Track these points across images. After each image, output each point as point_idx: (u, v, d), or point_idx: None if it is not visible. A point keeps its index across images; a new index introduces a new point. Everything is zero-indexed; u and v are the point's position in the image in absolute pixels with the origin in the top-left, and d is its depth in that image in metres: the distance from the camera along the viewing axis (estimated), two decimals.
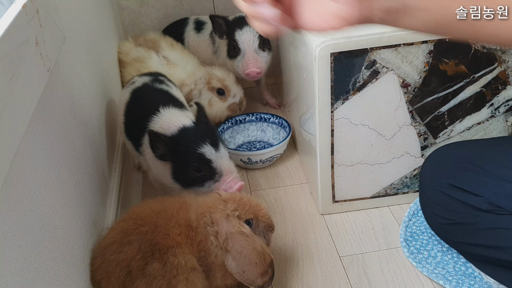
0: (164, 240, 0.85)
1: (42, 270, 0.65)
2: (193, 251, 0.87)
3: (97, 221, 0.97)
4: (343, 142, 1.11)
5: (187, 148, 1.00)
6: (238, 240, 0.86)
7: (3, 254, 0.55)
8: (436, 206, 0.97)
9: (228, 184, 1.01)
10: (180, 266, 0.84)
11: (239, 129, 1.55)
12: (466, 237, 0.94)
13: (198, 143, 1.00)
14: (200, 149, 1.00)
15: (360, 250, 1.11)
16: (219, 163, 1.02)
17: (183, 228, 0.87)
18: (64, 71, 0.90)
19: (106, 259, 0.85)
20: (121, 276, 0.83)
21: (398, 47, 1.01)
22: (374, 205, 1.23)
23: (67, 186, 0.81)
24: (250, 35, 1.45)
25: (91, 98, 1.10)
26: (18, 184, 0.61)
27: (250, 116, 1.55)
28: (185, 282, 0.84)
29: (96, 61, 1.22)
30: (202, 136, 1.01)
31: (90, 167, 0.98)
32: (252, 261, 0.85)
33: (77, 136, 0.93)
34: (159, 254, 0.84)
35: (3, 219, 0.56)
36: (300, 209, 1.26)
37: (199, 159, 1.00)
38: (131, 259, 0.83)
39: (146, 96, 1.18)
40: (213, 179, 1.02)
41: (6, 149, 0.57)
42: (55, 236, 0.72)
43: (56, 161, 0.77)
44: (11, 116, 0.58)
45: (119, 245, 0.85)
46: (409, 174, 1.18)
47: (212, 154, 1.01)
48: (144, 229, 0.86)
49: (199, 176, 1.02)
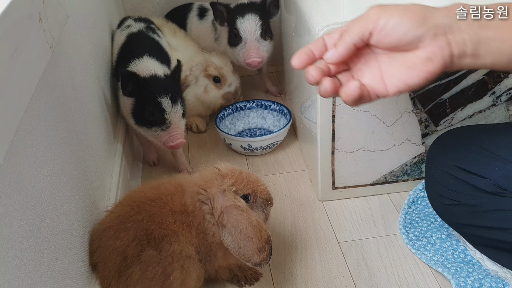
0: (159, 229, 0.85)
1: (42, 245, 0.65)
2: (191, 236, 0.87)
3: (97, 202, 0.97)
4: (344, 128, 1.11)
5: (150, 93, 1.13)
6: (233, 214, 0.85)
7: (5, 226, 0.55)
8: (441, 187, 0.97)
9: (170, 137, 1.14)
10: (176, 253, 0.84)
11: (239, 115, 1.55)
12: (470, 218, 0.94)
13: (160, 92, 1.12)
14: (159, 98, 1.12)
15: (359, 236, 1.12)
16: (171, 117, 1.14)
17: (178, 215, 0.87)
18: (66, 50, 0.89)
19: (103, 244, 0.86)
20: (117, 261, 0.83)
21: None
22: (374, 192, 1.23)
23: (68, 165, 0.81)
24: (252, 23, 1.43)
25: (93, 80, 1.10)
26: (20, 159, 0.61)
27: (251, 103, 1.55)
28: (180, 269, 0.84)
29: (98, 44, 1.22)
30: (166, 88, 1.14)
31: (91, 148, 0.98)
32: (248, 236, 0.84)
33: (78, 116, 0.93)
34: (154, 242, 0.84)
35: (5, 192, 0.56)
36: (300, 195, 1.26)
37: (156, 105, 1.12)
38: (127, 245, 0.83)
39: (138, 43, 1.30)
40: (160, 126, 1.14)
41: (8, 122, 0.57)
42: (56, 213, 0.72)
43: (57, 139, 0.77)
44: (13, 90, 0.58)
45: (115, 231, 0.85)
46: (409, 161, 1.18)
47: (167, 106, 1.13)
48: (139, 217, 0.86)
49: (150, 120, 1.14)
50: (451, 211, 0.98)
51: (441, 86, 1.08)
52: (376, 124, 1.11)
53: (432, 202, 1.03)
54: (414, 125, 1.13)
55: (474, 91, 1.10)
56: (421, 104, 1.10)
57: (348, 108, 1.08)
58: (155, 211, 0.86)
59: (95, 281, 0.86)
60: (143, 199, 0.89)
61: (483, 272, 0.98)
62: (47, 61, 0.72)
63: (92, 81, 1.08)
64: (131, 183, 1.27)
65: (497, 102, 1.11)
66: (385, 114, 1.10)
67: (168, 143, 1.15)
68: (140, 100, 1.15)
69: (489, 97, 1.11)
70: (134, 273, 0.82)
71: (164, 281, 0.83)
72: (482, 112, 1.13)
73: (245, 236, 0.84)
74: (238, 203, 0.87)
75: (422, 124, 1.13)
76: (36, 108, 0.69)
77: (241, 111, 1.55)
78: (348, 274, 1.02)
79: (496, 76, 1.08)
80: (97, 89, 1.13)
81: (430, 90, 1.08)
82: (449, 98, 1.10)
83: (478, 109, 1.12)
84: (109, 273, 0.84)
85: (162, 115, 1.13)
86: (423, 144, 1.16)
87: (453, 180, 0.96)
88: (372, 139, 1.14)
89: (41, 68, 0.69)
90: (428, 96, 1.09)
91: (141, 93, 1.14)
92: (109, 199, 1.05)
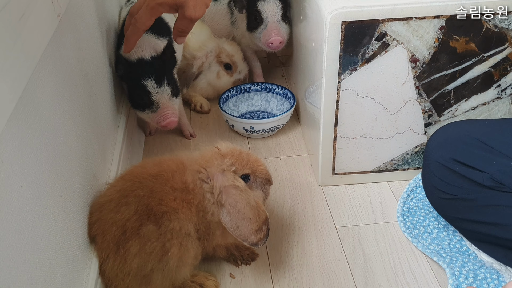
0: (159, 205, 0.85)
1: (41, 214, 0.65)
2: (191, 214, 0.87)
3: (98, 175, 0.97)
4: (348, 114, 1.11)
5: (136, 78, 1.16)
6: (232, 194, 0.86)
7: (5, 191, 0.55)
8: (438, 180, 0.97)
9: (161, 117, 1.18)
10: (175, 230, 0.84)
11: (243, 97, 1.55)
12: (466, 213, 0.95)
13: (144, 76, 1.16)
14: (144, 81, 1.15)
15: (356, 222, 1.12)
16: (159, 98, 1.17)
17: (179, 192, 0.87)
18: (73, 22, 0.89)
19: (103, 216, 0.86)
20: (116, 234, 0.84)
21: (410, 20, 1.00)
22: (374, 180, 1.23)
23: (70, 136, 0.82)
24: (273, 5, 1.41)
25: (99, 54, 1.09)
26: (22, 126, 0.61)
27: (255, 86, 1.55)
28: (178, 246, 0.85)
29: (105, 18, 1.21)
30: (151, 71, 1.16)
31: (94, 121, 0.98)
32: (246, 216, 0.85)
33: (82, 88, 0.92)
34: (155, 218, 0.84)
35: (7, 158, 0.56)
36: (300, 179, 1.27)
37: (142, 89, 1.16)
38: (127, 219, 0.84)
39: None
40: (150, 108, 1.18)
41: (12, 88, 0.57)
42: (56, 183, 0.72)
43: (60, 110, 0.77)
44: (19, 55, 0.58)
45: (116, 205, 0.86)
46: (411, 150, 1.18)
47: (153, 89, 1.16)
48: (141, 192, 0.86)
49: (140, 103, 1.19)
50: (447, 205, 0.98)
51: (447, 76, 1.08)
52: (379, 112, 1.11)
53: (429, 195, 1.03)
54: (418, 114, 1.13)
55: (480, 83, 1.09)
56: (426, 93, 1.10)
57: (352, 94, 1.08)
58: (156, 188, 0.87)
59: (92, 253, 0.86)
60: (145, 175, 0.89)
61: (478, 263, 0.98)
62: (53, 30, 0.71)
63: (97, 55, 1.08)
64: (132, 158, 1.27)
65: (501, 95, 1.11)
66: (389, 101, 1.10)
67: (160, 123, 1.19)
68: (130, 84, 1.20)
69: (494, 90, 1.10)
70: (132, 246, 0.83)
71: (162, 256, 0.84)
72: (486, 105, 1.12)
73: (243, 216, 0.85)
74: (237, 183, 0.87)
75: (425, 113, 1.13)
76: (40, 76, 0.69)
77: (245, 93, 1.55)
78: (344, 258, 1.03)
79: (502, 69, 1.08)
80: (102, 63, 1.12)
81: (436, 80, 1.08)
82: (454, 88, 1.10)
83: (482, 101, 1.12)
84: (107, 246, 0.84)
85: (149, 97, 1.16)
86: (425, 133, 1.16)
87: (450, 174, 0.96)
88: (375, 126, 1.13)
89: (47, 36, 0.68)
90: (433, 85, 1.09)
91: (129, 77, 1.18)
92: (110, 173, 1.05)
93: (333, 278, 0.99)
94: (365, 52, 1.03)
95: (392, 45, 1.03)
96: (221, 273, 1.01)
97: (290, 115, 1.42)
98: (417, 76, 1.07)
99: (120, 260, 0.83)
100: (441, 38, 1.03)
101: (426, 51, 1.04)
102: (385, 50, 1.03)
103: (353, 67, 1.05)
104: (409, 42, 1.03)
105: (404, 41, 1.03)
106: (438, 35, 1.02)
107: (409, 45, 1.03)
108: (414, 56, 1.05)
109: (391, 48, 1.03)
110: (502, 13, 1.00)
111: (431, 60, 1.05)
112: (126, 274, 0.84)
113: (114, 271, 0.84)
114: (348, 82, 1.07)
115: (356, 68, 1.05)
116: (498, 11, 1.00)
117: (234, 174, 0.89)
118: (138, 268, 0.83)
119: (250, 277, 1.00)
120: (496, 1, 0.99)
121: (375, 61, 1.04)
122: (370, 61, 1.04)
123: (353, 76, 1.06)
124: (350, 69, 1.05)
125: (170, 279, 0.87)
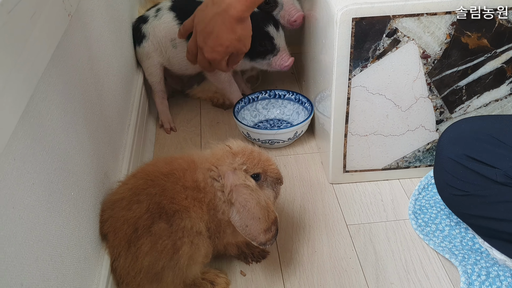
0: (171, 204, 0.85)
1: (54, 211, 0.66)
2: (202, 212, 0.87)
3: (109, 173, 0.97)
4: (359, 111, 1.11)
5: (256, 27, 1.21)
6: (242, 193, 0.85)
7: (18, 188, 0.55)
8: (450, 176, 0.96)
9: (282, 59, 1.34)
10: (186, 229, 0.85)
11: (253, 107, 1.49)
12: (479, 209, 0.94)
13: (265, 23, 1.31)
14: (266, 28, 1.31)
15: (367, 220, 1.12)
16: (278, 41, 1.33)
17: (190, 191, 0.87)
18: (83, 20, 0.90)
19: (115, 214, 0.86)
20: (127, 232, 0.84)
21: (421, 16, 0.99)
22: (385, 177, 1.23)
23: (82, 134, 0.82)
24: None
25: (109, 53, 1.10)
26: (34, 124, 0.62)
27: (263, 94, 1.48)
28: (189, 244, 0.85)
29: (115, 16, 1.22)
30: (268, 18, 1.33)
31: (105, 120, 0.99)
32: (255, 216, 0.85)
33: (93, 87, 0.93)
34: (166, 216, 0.84)
35: (19, 155, 0.56)
36: (310, 177, 1.26)
37: (265, 35, 1.31)
38: (139, 217, 0.84)
39: None
40: (272, 53, 1.34)
41: (24, 86, 0.57)
42: (68, 180, 0.73)
43: (71, 108, 0.77)
44: (30, 53, 0.58)
45: (128, 203, 0.86)
46: (422, 148, 1.17)
47: (274, 33, 1.32)
48: (153, 190, 0.86)
49: (262, 50, 1.33)
50: (459, 201, 0.98)
51: (458, 73, 1.07)
52: (391, 108, 1.10)
53: (441, 192, 1.02)
54: (429, 111, 1.12)
55: (492, 79, 1.08)
56: (437, 90, 1.09)
57: (363, 91, 1.07)
58: (168, 186, 0.87)
59: (104, 250, 0.87)
60: (157, 173, 0.89)
61: (491, 261, 0.98)
62: (64, 28, 0.72)
63: (107, 53, 1.08)
64: (144, 156, 1.27)
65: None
66: (400, 98, 1.09)
67: (282, 65, 1.34)
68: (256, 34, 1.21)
69: (507, 86, 1.09)
70: (144, 244, 0.83)
71: (173, 254, 0.84)
72: (498, 101, 1.11)
73: (252, 216, 0.85)
74: (248, 182, 0.87)
75: (437, 110, 1.12)
76: (52, 75, 0.69)
77: (253, 103, 1.48)
78: (355, 256, 1.03)
79: None
80: (112, 61, 1.13)
81: (447, 76, 1.07)
82: (466, 85, 1.09)
83: (495, 98, 1.11)
84: (119, 243, 0.85)
85: (272, 42, 1.31)
86: (437, 130, 1.15)
87: (462, 170, 0.95)
88: (386, 123, 1.13)
89: (58, 34, 0.69)
90: (444, 82, 1.08)
91: None
92: (121, 171, 1.06)
93: (344, 276, 0.99)
94: (376, 49, 1.03)
95: (403, 42, 1.02)
96: (232, 271, 1.01)
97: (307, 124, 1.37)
98: (428, 73, 1.06)
99: (131, 258, 0.84)
100: (452, 34, 1.02)
101: (438, 47, 1.04)
102: (396, 47, 1.03)
103: (364, 64, 1.04)
104: (420, 39, 1.02)
105: (415, 37, 1.02)
106: (449, 31, 1.02)
107: (420, 42, 1.02)
108: (425, 52, 1.04)
109: (402, 45, 1.03)
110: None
111: (443, 56, 1.05)
112: (137, 272, 0.84)
113: (125, 269, 0.85)
114: (359, 79, 1.06)
115: (367, 65, 1.04)
116: None
117: (245, 173, 0.89)
118: (149, 266, 0.84)
119: (260, 275, 1.00)
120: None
121: (386, 58, 1.04)
122: (381, 57, 1.04)
123: (364, 73, 1.05)
124: (361, 66, 1.04)
125: (181, 277, 0.87)
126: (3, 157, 0.52)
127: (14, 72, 0.54)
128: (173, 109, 1.55)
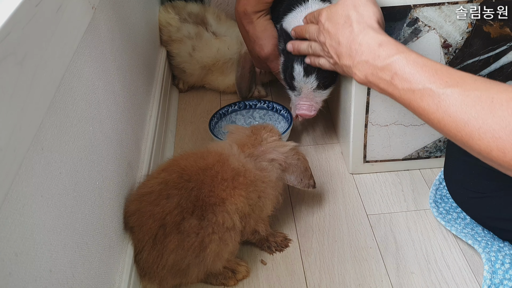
0: (209, 197, 0.85)
1: (79, 199, 0.68)
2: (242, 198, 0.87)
3: (132, 163, 0.99)
4: (379, 101, 1.11)
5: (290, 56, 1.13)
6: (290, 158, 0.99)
7: (46, 177, 0.57)
8: (463, 178, 0.95)
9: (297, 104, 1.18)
10: (217, 224, 0.84)
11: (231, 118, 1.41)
12: (498, 211, 0.93)
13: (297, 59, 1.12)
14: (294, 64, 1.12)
15: (388, 209, 1.12)
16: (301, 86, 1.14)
17: (229, 181, 0.87)
18: (107, 13, 0.91)
19: (142, 208, 0.86)
20: (152, 227, 0.84)
21: (442, 6, 0.99)
22: (405, 167, 1.22)
23: (106, 125, 0.84)
24: None
25: (131, 45, 1.11)
26: (61, 114, 0.63)
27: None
28: (217, 242, 0.85)
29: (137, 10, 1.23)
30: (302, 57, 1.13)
31: (128, 111, 1.00)
32: (303, 169, 1.00)
33: (116, 79, 0.94)
34: (200, 211, 0.84)
35: (47, 145, 0.58)
36: (330, 167, 1.27)
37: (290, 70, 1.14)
38: (168, 213, 0.83)
39: None
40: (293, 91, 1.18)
41: (51, 78, 0.58)
42: (93, 170, 0.74)
43: (95, 99, 0.79)
44: (56, 46, 0.59)
45: (156, 197, 0.85)
46: (443, 137, 1.17)
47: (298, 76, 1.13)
48: (190, 185, 0.86)
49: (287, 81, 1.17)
50: (476, 204, 0.97)
51: (480, 62, 1.06)
52: None
53: (454, 196, 1.01)
54: None
55: None
56: None
57: None
58: (207, 180, 0.86)
59: (128, 241, 0.88)
60: (194, 168, 0.88)
61: None
62: (89, 20, 0.73)
63: (130, 46, 1.10)
64: (165, 147, 1.29)
65: None
66: None
67: (295, 110, 1.20)
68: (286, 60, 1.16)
69: None
70: (171, 242, 0.83)
71: (200, 252, 0.84)
72: None
73: (301, 170, 1.00)
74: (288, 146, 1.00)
75: None
76: (77, 66, 0.71)
77: None
78: (376, 246, 1.03)
79: None
80: (135, 54, 1.14)
81: (469, 65, 1.06)
82: (488, 74, 1.08)
83: None
84: (143, 237, 0.85)
85: (292, 82, 1.15)
86: None
87: (475, 169, 0.94)
88: (406, 113, 1.12)
89: (83, 27, 0.70)
90: (466, 71, 1.06)
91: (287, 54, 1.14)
92: (144, 162, 1.08)
93: (365, 265, 0.99)
94: (396, 38, 1.02)
95: (424, 31, 1.02)
96: (253, 259, 1.03)
97: None
98: (449, 62, 1.06)
99: (156, 254, 0.84)
100: (474, 23, 1.01)
101: (459, 36, 1.03)
102: (417, 36, 1.02)
103: None
104: (441, 28, 1.01)
105: (436, 27, 1.01)
106: (471, 20, 1.01)
107: (442, 31, 1.02)
108: (446, 41, 1.03)
109: (423, 34, 1.02)
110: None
111: (464, 45, 1.04)
112: (161, 268, 0.84)
113: (148, 263, 0.85)
114: None
115: None
116: None
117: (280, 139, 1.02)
118: (174, 263, 0.84)
119: (281, 264, 1.01)
120: None
121: None
122: None
123: None
124: None
125: (205, 272, 0.89)
126: (32, 147, 0.54)
127: (42, 65, 0.55)
128: (193, 100, 1.56)
